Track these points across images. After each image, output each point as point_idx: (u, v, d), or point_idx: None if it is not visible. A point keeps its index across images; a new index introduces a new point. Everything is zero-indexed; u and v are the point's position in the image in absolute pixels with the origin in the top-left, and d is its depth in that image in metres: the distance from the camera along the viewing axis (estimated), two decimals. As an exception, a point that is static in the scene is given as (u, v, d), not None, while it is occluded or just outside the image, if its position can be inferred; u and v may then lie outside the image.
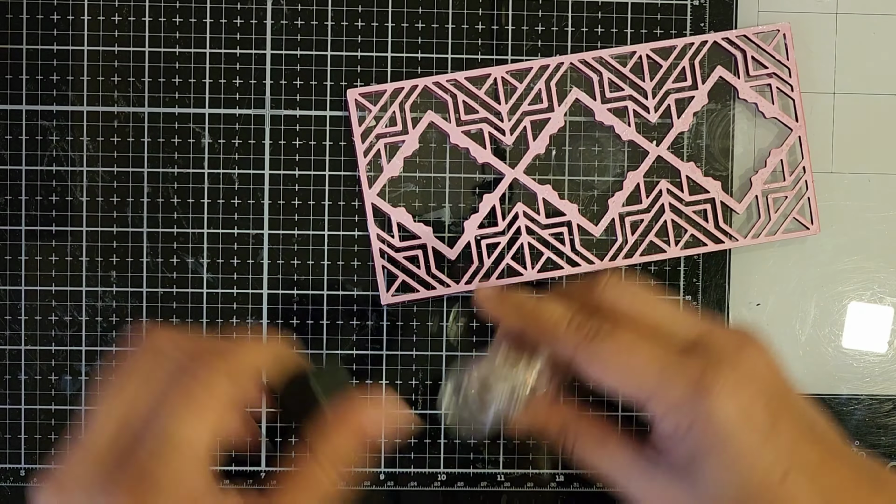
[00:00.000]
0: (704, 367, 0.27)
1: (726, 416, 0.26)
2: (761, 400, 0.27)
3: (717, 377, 0.27)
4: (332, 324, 0.40)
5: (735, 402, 0.26)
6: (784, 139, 0.40)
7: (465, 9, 0.39)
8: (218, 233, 0.39)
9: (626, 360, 0.28)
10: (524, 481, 0.40)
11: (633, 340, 0.28)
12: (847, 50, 0.40)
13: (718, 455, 0.27)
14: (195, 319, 0.39)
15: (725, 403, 0.26)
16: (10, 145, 0.39)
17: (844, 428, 0.41)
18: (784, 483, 0.26)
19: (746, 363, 0.28)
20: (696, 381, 0.27)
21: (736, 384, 0.27)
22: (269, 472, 0.40)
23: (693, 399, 0.27)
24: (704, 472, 0.27)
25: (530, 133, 0.39)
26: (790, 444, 0.27)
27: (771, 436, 0.27)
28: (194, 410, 0.25)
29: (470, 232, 0.39)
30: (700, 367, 0.27)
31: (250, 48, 0.39)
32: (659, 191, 0.40)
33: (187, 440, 0.24)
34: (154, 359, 0.26)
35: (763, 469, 0.26)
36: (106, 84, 0.39)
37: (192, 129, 0.39)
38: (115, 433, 0.25)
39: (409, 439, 0.39)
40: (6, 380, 0.39)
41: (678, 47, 0.40)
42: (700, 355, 0.28)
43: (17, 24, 0.39)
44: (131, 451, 0.24)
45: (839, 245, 0.41)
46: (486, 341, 0.40)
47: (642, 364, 0.28)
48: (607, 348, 0.28)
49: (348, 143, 0.39)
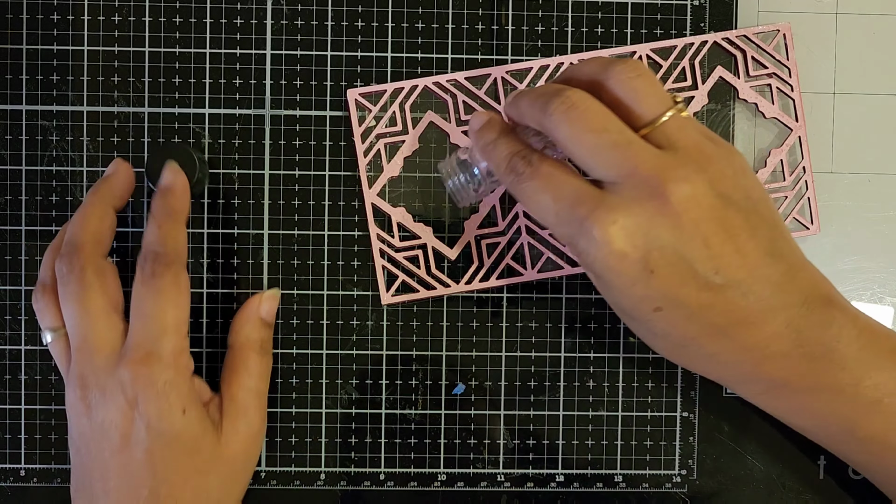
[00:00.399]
0: (590, 212, 0.30)
1: (600, 260, 0.30)
2: (637, 252, 0.30)
3: (595, 227, 0.30)
4: (332, 324, 0.40)
5: (608, 249, 0.30)
6: (784, 139, 0.40)
7: (465, 9, 0.39)
8: (218, 233, 0.39)
9: (534, 203, 0.32)
10: (524, 481, 0.40)
11: (541, 187, 0.31)
12: (847, 50, 0.40)
13: (600, 283, 0.32)
14: (195, 319, 0.39)
15: (599, 250, 0.30)
16: (10, 145, 0.39)
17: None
18: (659, 312, 0.31)
19: (634, 216, 0.29)
20: (580, 224, 0.30)
21: (614, 235, 0.29)
22: (270, 471, 0.40)
23: (575, 240, 0.31)
24: (600, 288, 0.33)
25: (530, 133, 0.39)
26: (666, 287, 0.30)
27: (642, 280, 0.30)
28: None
29: (470, 232, 0.39)
30: (587, 212, 0.30)
31: (250, 48, 0.39)
32: (659, 191, 0.39)
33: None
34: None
35: (636, 303, 0.31)
36: (106, 84, 0.39)
37: (192, 129, 0.39)
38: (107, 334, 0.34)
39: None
40: (6, 380, 0.39)
41: (678, 47, 0.40)
42: (591, 202, 0.30)
43: (17, 24, 0.39)
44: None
45: (839, 245, 0.41)
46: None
47: (543, 211, 0.31)
48: (523, 190, 0.32)
49: (348, 143, 0.39)
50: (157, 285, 0.34)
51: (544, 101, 0.31)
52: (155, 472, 0.33)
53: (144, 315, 0.34)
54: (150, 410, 0.33)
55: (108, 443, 0.33)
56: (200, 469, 0.34)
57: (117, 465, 0.33)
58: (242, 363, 0.37)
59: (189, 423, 0.34)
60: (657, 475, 0.40)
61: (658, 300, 0.30)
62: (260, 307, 0.38)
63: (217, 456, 0.35)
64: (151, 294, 0.34)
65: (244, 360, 0.37)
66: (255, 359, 0.37)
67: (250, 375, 0.37)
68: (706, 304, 0.30)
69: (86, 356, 0.34)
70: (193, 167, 0.37)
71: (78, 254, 0.34)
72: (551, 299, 0.40)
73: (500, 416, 0.40)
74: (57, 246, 0.36)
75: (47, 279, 0.36)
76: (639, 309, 0.31)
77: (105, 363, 0.33)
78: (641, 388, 0.40)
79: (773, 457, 0.40)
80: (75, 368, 0.34)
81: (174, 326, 0.34)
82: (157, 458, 0.33)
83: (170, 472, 0.33)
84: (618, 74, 0.31)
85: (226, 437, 0.35)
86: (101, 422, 0.33)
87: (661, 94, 0.31)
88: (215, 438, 0.35)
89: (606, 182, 0.30)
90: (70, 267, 0.34)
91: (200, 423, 0.34)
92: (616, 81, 0.31)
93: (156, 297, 0.34)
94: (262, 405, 0.37)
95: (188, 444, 0.34)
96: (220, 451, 0.35)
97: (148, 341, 0.33)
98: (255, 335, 0.37)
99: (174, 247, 0.35)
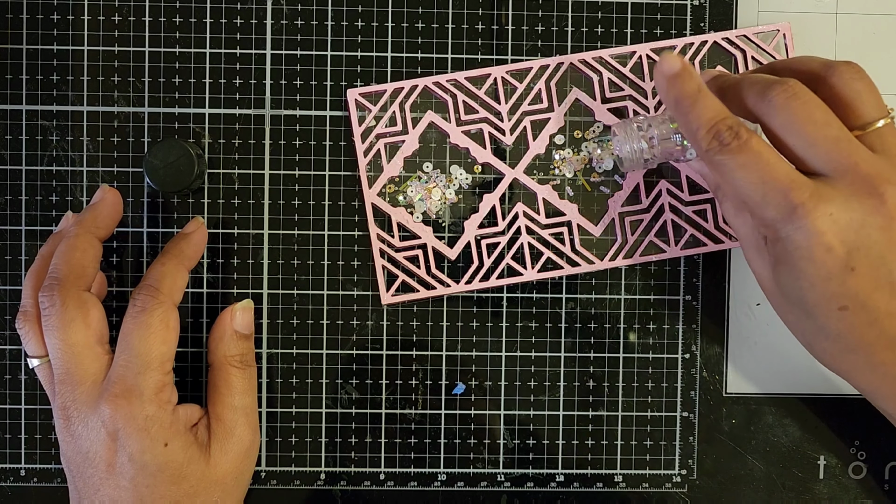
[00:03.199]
0: (806, 200, 0.30)
1: (805, 249, 0.30)
2: (843, 248, 0.30)
3: (809, 216, 0.30)
4: (332, 324, 0.40)
5: (818, 240, 0.30)
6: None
7: (465, 9, 0.39)
8: (218, 232, 0.39)
9: (737, 178, 0.31)
10: (524, 481, 0.40)
11: (749, 164, 0.30)
12: (847, 50, 0.40)
13: (790, 272, 0.31)
14: (195, 319, 0.39)
15: (808, 239, 0.30)
16: (10, 145, 0.39)
17: (844, 428, 0.41)
18: (842, 312, 0.31)
19: (850, 211, 0.30)
20: (791, 211, 0.30)
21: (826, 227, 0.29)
22: (270, 471, 0.40)
23: (779, 225, 0.30)
24: (780, 277, 0.32)
25: (530, 133, 0.39)
26: (860, 287, 0.30)
27: (839, 276, 0.30)
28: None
29: (470, 232, 0.39)
30: (801, 200, 0.30)
31: (250, 48, 0.39)
32: (659, 191, 0.40)
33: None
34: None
35: (823, 299, 0.31)
36: (106, 84, 0.39)
37: (192, 129, 0.39)
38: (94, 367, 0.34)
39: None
40: (6, 380, 0.39)
41: (678, 47, 0.40)
42: (806, 190, 0.30)
43: (17, 24, 0.39)
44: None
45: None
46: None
47: (748, 188, 0.31)
48: (723, 162, 0.31)
49: (348, 143, 0.39)
50: (145, 320, 0.34)
51: (762, 87, 0.31)
52: (142, 499, 0.33)
53: (130, 348, 0.34)
54: (131, 444, 0.33)
55: (95, 470, 0.33)
56: (188, 493, 0.34)
57: (107, 491, 0.33)
58: (224, 381, 0.36)
59: (172, 454, 0.34)
60: (657, 475, 0.40)
61: (847, 299, 0.30)
62: (233, 321, 0.37)
63: (205, 478, 0.35)
64: (139, 328, 0.34)
65: (226, 377, 0.36)
66: (237, 374, 0.37)
67: (233, 393, 0.36)
68: (893, 312, 0.30)
69: (68, 388, 0.34)
70: (192, 164, 0.37)
71: (60, 287, 0.34)
72: (551, 299, 0.40)
73: (500, 416, 0.40)
74: (35, 271, 0.36)
75: (29, 307, 0.35)
76: (823, 305, 0.31)
77: (86, 397, 0.34)
78: (641, 388, 0.40)
79: (773, 457, 0.40)
80: (58, 400, 0.34)
81: (158, 363, 0.34)
82: (142, 487, 0.33)
83: (156, 498, 0.33)
84: (842, 74, 0.32)
85: (214, 459, 0.35)
86: (87, 452, 0.33)
87: (879, 99, 0.32)
88: (203, 462, 0.35)
89: (820, 174, 0.31)
90: (52, 300, 0.34)
91: (185, 451, 0.34)
92: (839, 80, 0.31)
93: (143, 332, 0.34)
94: (250, 420, 0.36)
95: (173, 473, 0.34)
96: (209, 473, 0.35)
97: (130, 376, 0.33)
98: (232, 350, 0.37)
99: (170, 286, 0.35)
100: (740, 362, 0.40)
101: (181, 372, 0.40)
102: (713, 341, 0.40)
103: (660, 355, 0.40)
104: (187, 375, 0.40)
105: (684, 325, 0.40)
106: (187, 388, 0.40)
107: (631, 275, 0.40)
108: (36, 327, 0.35)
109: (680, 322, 0.40)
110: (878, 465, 0.41)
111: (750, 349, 0.40)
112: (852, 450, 0.41)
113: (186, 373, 0.40)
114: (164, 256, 0.36)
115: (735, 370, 0.41)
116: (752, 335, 0.41)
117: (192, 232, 0.37)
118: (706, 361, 0.40)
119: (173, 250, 0.36)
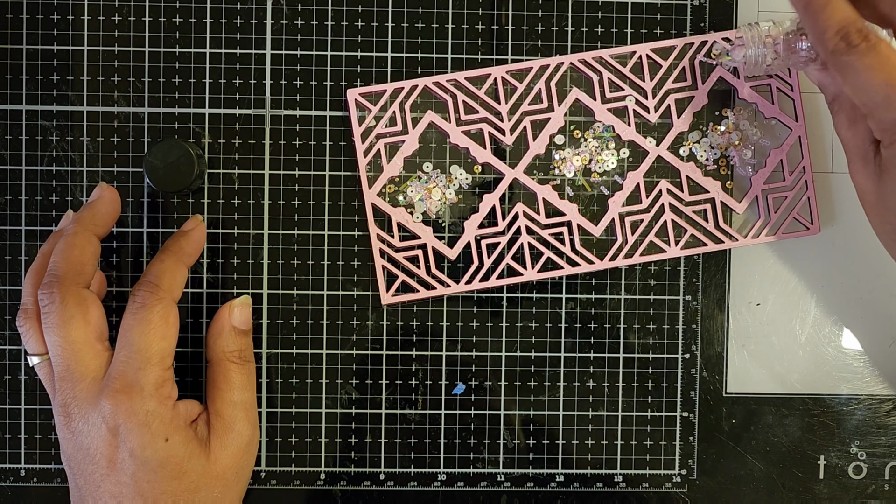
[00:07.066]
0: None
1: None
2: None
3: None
4: (332, 324, 0.40)
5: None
6: (784, 139, 0.40)
7: (465, 9, 0.39)
8: (218, 232, 0.39)
9: (862, 79, 0.31)
10: (524, 481, 0.40)
11: (877, 65, 0.31)
12: (847, 50, 0.40)
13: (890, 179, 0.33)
14: (195, 319, 0.39)
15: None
16: (10, 145, 0.39)
17: (844, 428, 0.41)
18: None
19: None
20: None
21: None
22: (270, 471, 0.40)
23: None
24: (887, 185, 0.33)
25: (530, 133, 0.39)
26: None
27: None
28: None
29: (470, 232, 0.39)
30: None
31: (250, 48, 0.39)
32: (659, 191, 0.40)
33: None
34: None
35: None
36: (106, 84, 0.39)
37: (192, 129, 0.39)
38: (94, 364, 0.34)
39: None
40: (6, 380, 0.39)
41: (678, 47, 0.40)
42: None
43: (17, 24, 0.39)
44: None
45: (839, 245, 0.41)
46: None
47: (872, 89, 0.31)
48: (850, 63, 0.31)
49: (348, 143, 0.39)
50: (145, 316, 0.34)
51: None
52: (143, 495, 0.33)
53: (130, 344, 0.34)
54: (132, 440, 0.33)
55: (96, 466, 0.33)
56: (189, 488, 0.34)
57: (108, 487, 0.33)
58: (223, 377, 0.36)
59: (173, 449, 0.34)
60: (657, 475, 0.40)
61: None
62: (231, 317, 0.37)
63: (206, 473, 0.35)
64: (139, 324, 0.34)
65: (224, 373, 0.36)
66: (236, 370, 0.37)
67: (232, 388, 0.36)
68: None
69: (68, 385, 0.34)
70: (192, 164, 0.37)
71: (59, 285, 0.34)
72: (551, 299, 0.40)
73: (500, 416, 0.40)
74: (36, 269, 0.36)
75: (29, 304, 0.35)
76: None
77: (87, 393, 0.34)
78: (641, 388, 0.40)
79: (773, 457, 0.40)
80: (58, 397, 0.34)
81: (158, 358, 0.34)
82: (143, 482, 0.33)
83: (157, 493, 0.33)
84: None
85: (214, 455, 0.35)
86: (87, 448, 0.33)
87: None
88: (203, 458, 0.35)
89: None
90: (51, 298, 0.34)
91: (185, 446, 0.34)
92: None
93: (143, 328, 0.34)
94: (249, 415, 0.37)
95: (174, 469, 0.34)
96: (210, 468, 0.35)
97: (130, 372, 0.33)
98: (231, 346, 0.37)
99: (170, 283, 0.35)
100: (740, 362, 0.41)
101: (181, 371, 0.40)
102: (713, 341, 0.40)
103: (660, 355, 0.40)
104: (187, 374, 0.40)
105: (684, 325, 0.40)
106: (187, 388, 0.40)
107: (631, 275, 0.40)
108: (36, 325, 0.35)
109: (680, 322, 0.40)
110: (878, 465, 0.41)
111: (750, 349, 0.41)
112: (852, 450, 0.41)
113: (186, 372, 0.40)
114: (163, 253, 0.36)
115: (735, 370, 0.41)
116: (752, 335, 0.41)
117: (191, 229, 0.37)
118: (706, 361, 0.40)
119: (173, 247, 0.36)
